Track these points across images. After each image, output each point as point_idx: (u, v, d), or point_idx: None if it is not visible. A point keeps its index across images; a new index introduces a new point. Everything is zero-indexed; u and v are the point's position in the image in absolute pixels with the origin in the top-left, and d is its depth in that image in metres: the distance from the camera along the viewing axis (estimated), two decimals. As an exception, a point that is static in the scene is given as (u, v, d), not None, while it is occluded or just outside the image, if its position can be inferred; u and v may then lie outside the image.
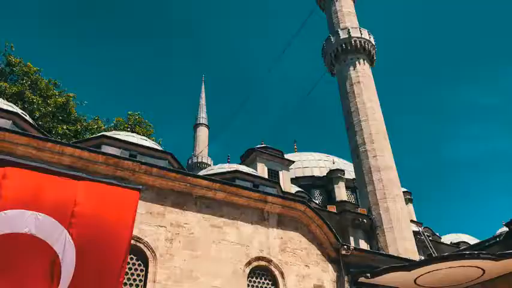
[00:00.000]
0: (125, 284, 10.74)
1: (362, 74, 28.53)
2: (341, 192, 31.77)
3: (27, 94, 28.65)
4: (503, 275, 13.99)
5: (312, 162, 36.31)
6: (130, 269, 11.04)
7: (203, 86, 71.79)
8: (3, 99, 17.25)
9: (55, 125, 29.23)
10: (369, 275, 13.99)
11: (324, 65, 32.09)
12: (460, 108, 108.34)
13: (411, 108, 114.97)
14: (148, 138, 24.89)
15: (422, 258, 22.70)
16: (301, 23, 58.80)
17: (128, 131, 26.88)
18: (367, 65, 29.50)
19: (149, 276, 11.13)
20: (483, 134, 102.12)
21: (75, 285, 6.08)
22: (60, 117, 30.22)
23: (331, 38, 30.64)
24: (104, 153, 12.13)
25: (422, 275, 13.90)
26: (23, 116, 14.93)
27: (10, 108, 14.49)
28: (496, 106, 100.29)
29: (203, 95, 70.07)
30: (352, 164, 29.08)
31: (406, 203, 29.53)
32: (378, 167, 24.83)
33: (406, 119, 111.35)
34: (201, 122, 65.27)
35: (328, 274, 14.21)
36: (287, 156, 30.27)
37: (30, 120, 15.52)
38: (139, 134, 24.84)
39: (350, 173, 33.11)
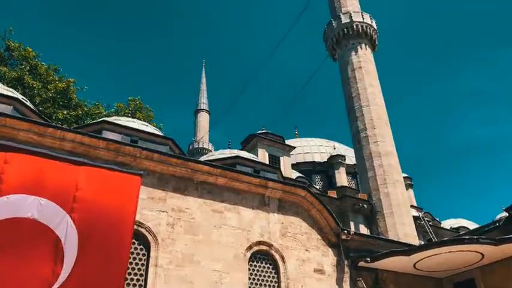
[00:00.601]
0: (127, 268, 10.84)
1: (364, 59, 28.33)
2: (341, 178, 31.87)
3: (27, 79, 28.50)
4: (502, 260, 14.10)
5: (313, 148, 36.34)
6: (132, 253, 11.13)
7: (203, 71, 71.37)
8: (3, 84, 17.18)
9: (56, 110, 29.14)
10: (368, 259, 14.10)
11: (325, 50, 31.87)
12: (461, 93, 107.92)
13: (413, 94, 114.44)
14: (149, 123, 24.82)
15: (422, 243, 22.86)
16: (303, 7, 58.11)
17: (128, 117, 26.79)
18: (368, 49, 29.26)
19: (151, 260, 11.25)
20: (484, 120, 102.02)
21: (78, 268, 6.14)
22: (61, 103, 30.11)
23: (333, 22, 30.33)
24: (105, 139, 12.13)
25: (421, 259, 14.02)
26: (24, 101, 14.87)
27: (10, 94, 14.43)
28: (497, 92, 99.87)
29: (204, 80, 69.67)
30: (353, 150, 29.12)
31: (407, 189, 29.65)
32: (378, 153, 24.86)
33: (407, 105, 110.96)
34: (201, 108, 65.06)
35: (328, 258, 14.34)
36: (288, 141, 30.30)
37: (31, 106, 15.47)
38: (140, 120, 24.84)
39: (351, 158, 33.17)
